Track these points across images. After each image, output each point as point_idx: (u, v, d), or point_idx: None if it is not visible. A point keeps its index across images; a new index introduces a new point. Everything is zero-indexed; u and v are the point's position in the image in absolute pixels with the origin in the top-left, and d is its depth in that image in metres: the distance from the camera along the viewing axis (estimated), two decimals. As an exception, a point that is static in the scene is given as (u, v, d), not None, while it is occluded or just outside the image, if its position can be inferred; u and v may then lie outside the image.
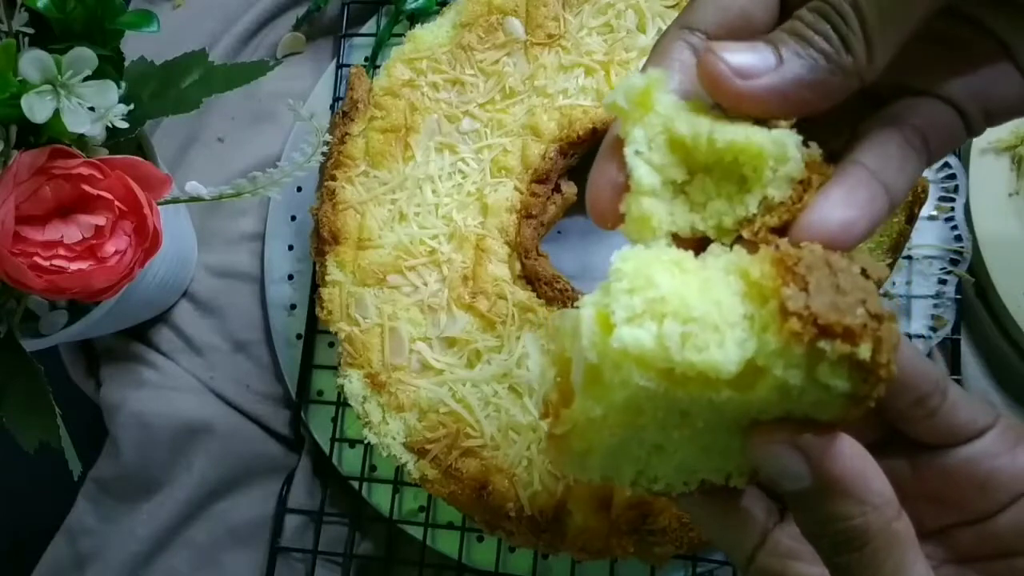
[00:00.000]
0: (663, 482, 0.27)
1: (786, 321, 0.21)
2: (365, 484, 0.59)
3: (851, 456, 0.24)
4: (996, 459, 0.27)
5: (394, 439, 0.52)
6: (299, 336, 0.62)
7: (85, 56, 0.43)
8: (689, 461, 0.26)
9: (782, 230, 0.25)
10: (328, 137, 0.51)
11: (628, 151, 0.25)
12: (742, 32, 0.26)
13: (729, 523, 0.28)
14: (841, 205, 0.24)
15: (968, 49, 0.27)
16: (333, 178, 0.56)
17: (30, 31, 0.44)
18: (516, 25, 0.56)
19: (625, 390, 0.23)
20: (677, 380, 0.22)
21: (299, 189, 0.64)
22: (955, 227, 0.57)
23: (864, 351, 0.21)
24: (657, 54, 0.27)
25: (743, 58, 0.25)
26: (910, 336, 0.56)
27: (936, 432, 0.28)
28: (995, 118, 0.28)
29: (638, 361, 0.22)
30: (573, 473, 0.27)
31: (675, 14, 0.55)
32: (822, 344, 0.21)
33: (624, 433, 0.25)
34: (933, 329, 0.56)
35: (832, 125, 0.27)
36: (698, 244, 0.26)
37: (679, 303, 0.22)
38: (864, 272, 0.23)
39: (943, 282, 0.56)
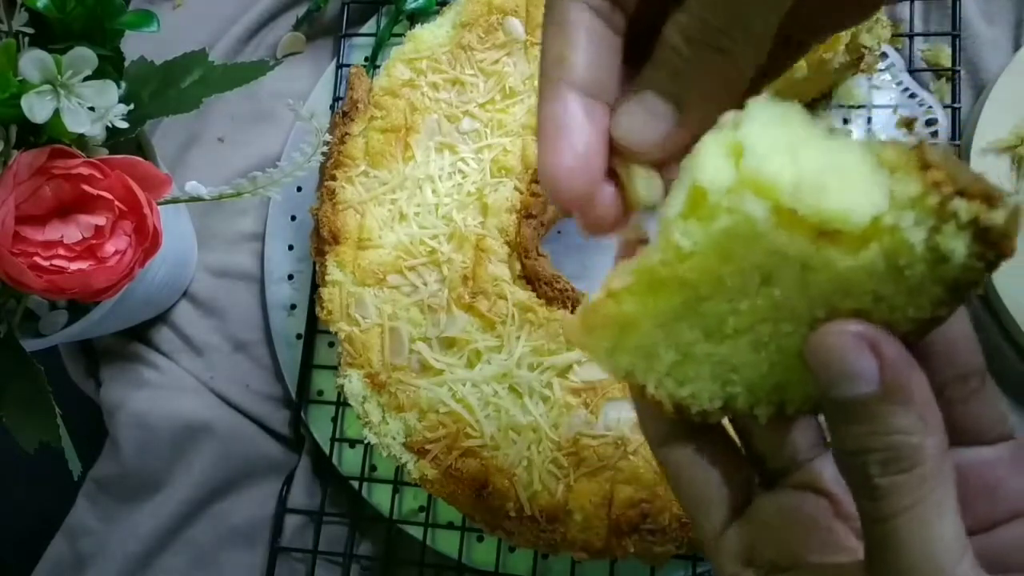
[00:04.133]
0: (691, 387, 0.26)
1: (928, 169, 0.21)
2: (365, 484, 0.59)
3: (915, 368, 0.22)
4: (1008, 468, 0.27)
5: (394, 439, 0.52)
6: (299, 336, 0.62)
7: (85, 56, 0.43)
8: (732, 360, 0.25)
9: None
10: (328, 137, 0.51)
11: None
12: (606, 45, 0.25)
13: (716, 472, 0.27)
14: None
15: None
16: (333, 178, 0.56)
17: (30, 31, 0.44)
18: (516, 25, 0.56)
19: (731, 217, 0.22)
20: (787, 223, 0.21)
21: (299, 189, 0.64)
22: (955, 227, 0.57)
23: (999, 215, 0.20)
24: (555, 29, 0.26)
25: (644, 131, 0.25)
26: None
27: (964, 422, 0.27)
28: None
29: (758, 189, 0.21)
30: (599, 354, 0.26)
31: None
32: (957, 202, 0.21)
33: (700, 282, 0.23)
34: (933, 329, 0.56)
35: None
36: None
37: (815, 151, 0.22)
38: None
39: (943, 282, 0.56)
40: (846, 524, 0.27)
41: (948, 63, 0.60)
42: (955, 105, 0.59)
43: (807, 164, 0.21)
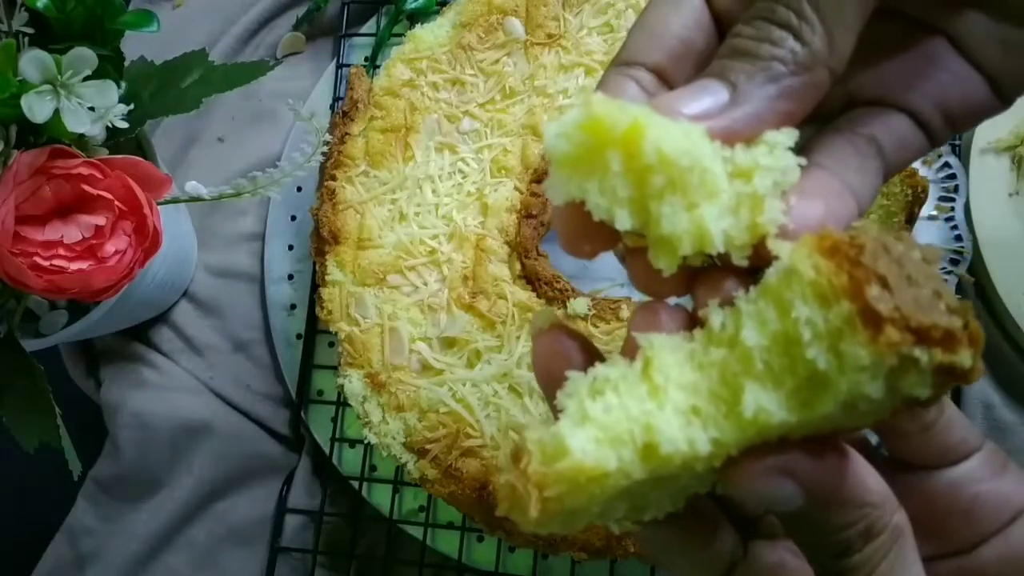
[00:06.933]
0: (655, 507, 0.25)
1: (879, 331, 0.18)
2: (365, 484, 0.59)
3: (839, 463, 0.22)
4: (981, 484, 0.26)
5: (394, 439, 0.52)
6: (299, 336, 0.62)
7: (85, 56, 0.43)
8: (688, 484, 0.24)
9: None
10: (328, 137, 0.51)
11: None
12: (684, 59, 0.25)
13: (700, 545, 0.26)
14: (818, 202, 0.23)
15: (917, 50, 0.26)
16: (333, 178, 0.56)
17: (30, 31, 0.44)
18: (516, 25, 0.56)
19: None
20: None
21: (299, 189, 0.64)
22: (955, 227, 0.57)
23: (966, 358, 0.19)
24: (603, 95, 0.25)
25: (696, 105, 0.23)
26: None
27: (925, 450, 0.27)
28: (960, 123, 0.26)
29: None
30: (558, 530, 0.24)
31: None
32: (918, 353, 0.18)
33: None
34: (933, 329, 0.56)
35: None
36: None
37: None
38: (922, 254, 0.20)
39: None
40: None
41: (948, 63, 0.60)
42: (955, 105, 0.59)
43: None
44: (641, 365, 0.22)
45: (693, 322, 0.24)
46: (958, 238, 0.56)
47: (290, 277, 0.63)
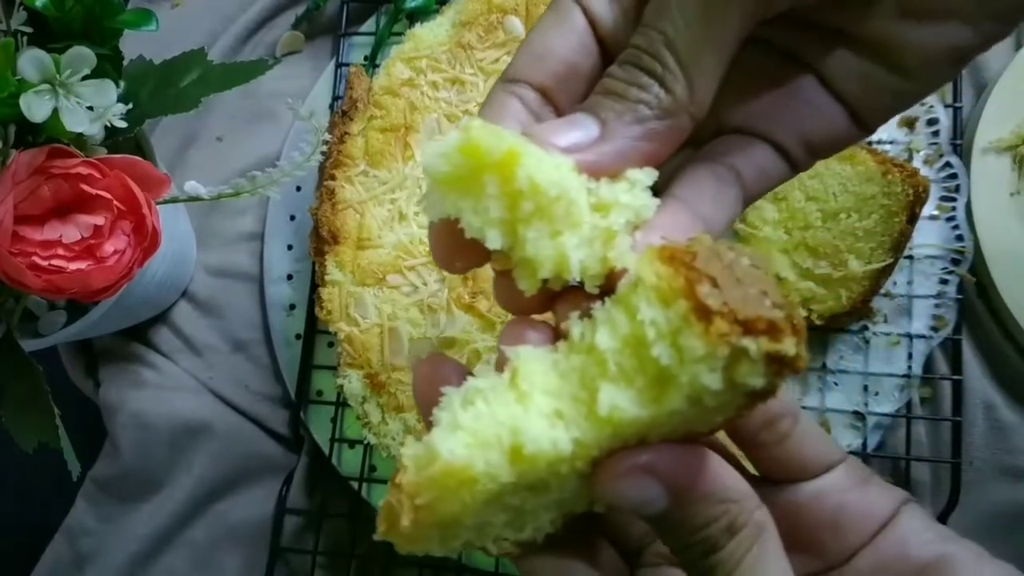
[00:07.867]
0: (531, 527, 0.26)
1: (710, 323, 0.20)
2: (365, 484, 0.58)
3: (698, 462, 0.23)
4: (844, 493, 0.27)
5: (394, 439, 0.52)
6: (298, 336, 0.62)
7: (84, 55, 0.43)
8: (564, 494, 0.25)
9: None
10: (327, 136, 0.51)
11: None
12: (569, 80, 0.27)
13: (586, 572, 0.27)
14: (657, 237, 0.24)
15: (783, 83, 0.27)
16: (332, 177, 0.55)
17: (29, 30, 0.44)
18: (516, 24, 0.56)
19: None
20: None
21: (298, 189, 0.64)
22: (956, 227, 0.56)
23: (789, 346, 0.20)
24: (488, 110, 0.27)
25: (567, 138, 0.25)
26: (911, 337, 0.56)
27: (786, 462, 0.27)
28: (822, 152, 0.28)
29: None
30: (430, 550, 0.25)
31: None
32: (746, 342, 0.20)
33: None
34: (935, 329, 0.56)
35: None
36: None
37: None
38: (751, 261, 0.22)
39: (944, 282, 0.56)
40: None
41: (949, 62, 0.60)
42: (957, 104, 0.59)
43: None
44: (509, 375, 0.24)
45: (557, 336, 0.25)
46: (959, 238, 0.56)
47: (289, 277, 0.63)
